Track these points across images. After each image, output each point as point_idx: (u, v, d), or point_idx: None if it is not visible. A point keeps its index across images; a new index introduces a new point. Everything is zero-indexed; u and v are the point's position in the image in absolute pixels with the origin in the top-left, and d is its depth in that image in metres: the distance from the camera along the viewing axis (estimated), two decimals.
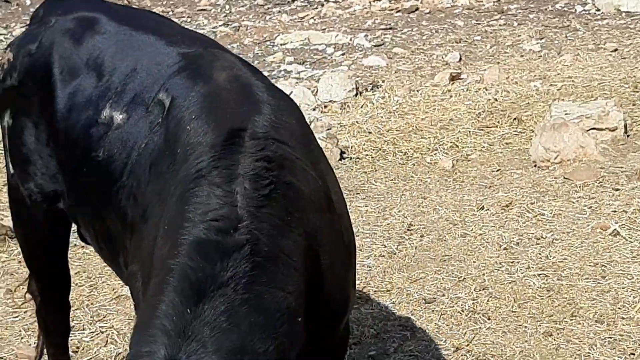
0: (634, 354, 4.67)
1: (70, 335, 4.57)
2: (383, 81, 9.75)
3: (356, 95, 9.40)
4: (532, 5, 12.41)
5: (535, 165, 7.17)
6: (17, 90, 3.84)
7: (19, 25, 12.54)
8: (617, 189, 6.51)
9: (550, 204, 6.40)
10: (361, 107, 8.95)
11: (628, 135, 7.51)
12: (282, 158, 2.82)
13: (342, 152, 7.69)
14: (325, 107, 9.18)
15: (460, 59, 10.32)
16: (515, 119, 8.15)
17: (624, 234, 5.86)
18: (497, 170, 7.19)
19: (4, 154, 4.05)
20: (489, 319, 5.05)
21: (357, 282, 5.45)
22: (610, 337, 4.83)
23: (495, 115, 8.29)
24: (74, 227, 3.96)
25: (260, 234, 2.60)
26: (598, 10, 11.91)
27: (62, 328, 4.33)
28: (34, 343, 4.88)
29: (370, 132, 8.15)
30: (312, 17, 12.92)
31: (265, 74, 11.04)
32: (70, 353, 4.59)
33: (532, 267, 5.55)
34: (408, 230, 6.19)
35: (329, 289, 2.91)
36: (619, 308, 5.09)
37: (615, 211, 6.18)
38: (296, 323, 2.61)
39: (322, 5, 13.50)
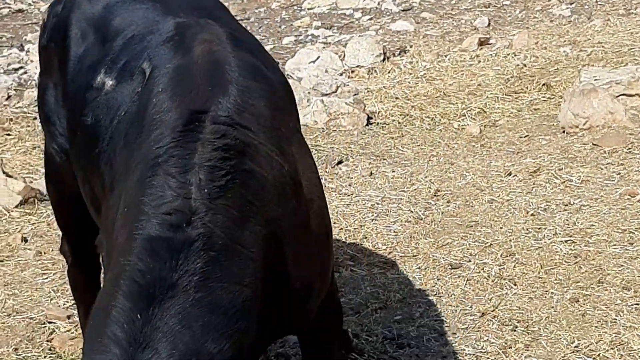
0: None
1: None
2: (411, 46, 9.69)
3: (383, 60, 9.36)
4: None
5: (563, 132, 7.12)
6: (45, 50, 3.95)
7: None
8: None
9: (578, 170, 6.36)
10: (388, 72, 8.90)
11: None
12: (243, 144, 2.72)
13: (369, 118, 7.68)
14: (352, 72, 9.15)
15: (489, 23, 10.23)
16: (544, 84, 8.09)
17: None
18: (525, 136, 7.15)
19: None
20: (515, 284, 5.04)
21: (384, 247, 5.47)
22: (638, 304, 4.81)
23: (524, 81, 8.23)
24: None
25: (214, 227, 2.51)
26: None
27: (93, 287, 4.38)
28: (64, 304, 4.95)
29: (397, 98, 8.12)
30: None
31: (292, 39, 11.07)
32: None
33: (560, 234, 5.54)
34: (435, 195, 6.19)
35: (295, 276, 2.82)
36: None
37: None
38: (254, 315, 2.54)
39: None
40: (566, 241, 5.45)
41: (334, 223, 5.83)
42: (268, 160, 2.79)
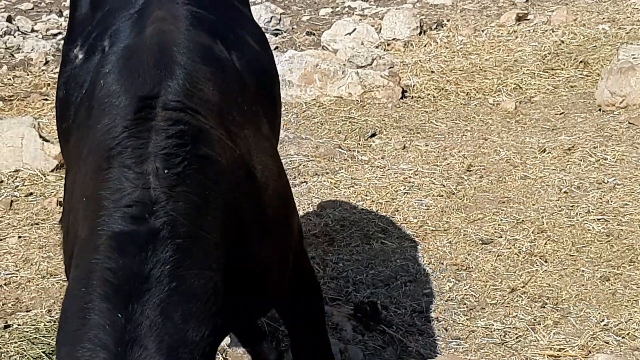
0: None
1: None
2: (448, 20, 9.63)
3: (420, 33, 9.32)
4: None
5: (599, 109, 7.06)
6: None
7: None
8: None
9: (613, 149, 6.31)
10: (425, 46, 8.87)
11: None
12: (196, 130, 2.66)
13: (403, 91, 7.66)
14: (388, 45, 9.13)
15: None
16: (581, 61, 8.02)
17: None
18: (561, 114, 7.10)
19: None
20: (546, 261, 5.04)
21: (415, 220, 5.48)
22: None
23: (561, 58, 8.16)
24: None
25: (177, 215, 2.48)
26: None
27: None
28: None
29: (433, 72, 8.09)
30: None
31: (329, 10, 11.03)
32: None
33: (592, 212, 5.51)
34: (468, 170, 6.17)
35: (256, 258, 2.80)
36: None
37: None
38: (223, 298, 2.53)
39: None
40: (599, 219, 5.42)
41: (366, 195, 5.85)
42: (221, 144, 2.73)
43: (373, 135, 6.84)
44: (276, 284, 3.02)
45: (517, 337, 4.40)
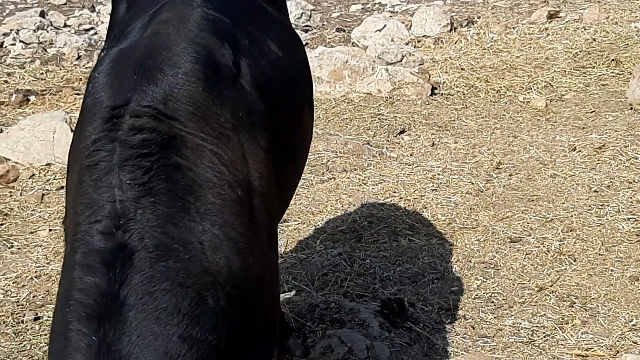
0: None
1: None
2: (479, 17, 9.60)
3: (450, 30, 9.29)
4: None
5: (631, 108, 7.01)
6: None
7: None
8: None
9: None
10: (455, 42, 8.84)
11: None
12: (166, 138, 2.55)
13: (433, 88, 7.64)
14: (418, 41, 9.11)
15: None
16: (613, 60, 7.96)
17: None
18: (592, 112, 7.06)
19: None
20: (574, 260, 5.01)
21: (443, 217, 5.47)
22: None
23: (593, 56, 8.11)
24: None
25: (145, 226, 2.38)
26: None
27: None
28: None
29: (463, 69, 8.07)
30: None
31: (359, 6, 11.03)
32: None
33: (622, 211, 5.47)
34: (497, 168, 6.15)
35: (239, 277, 2.55)
36: None
37: None
38: (204, 318, 2.38)
39: None
40: (629, 219, 5.38)
41: (394, 192, 5.85)
42: (198, 151, 2.60)
43: (402, 132, 6.83)
44: (258, 313, 2.73)
45: (544, 336, 4.38)
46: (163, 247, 2.39)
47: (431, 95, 7.54)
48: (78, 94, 7.79)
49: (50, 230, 5.44)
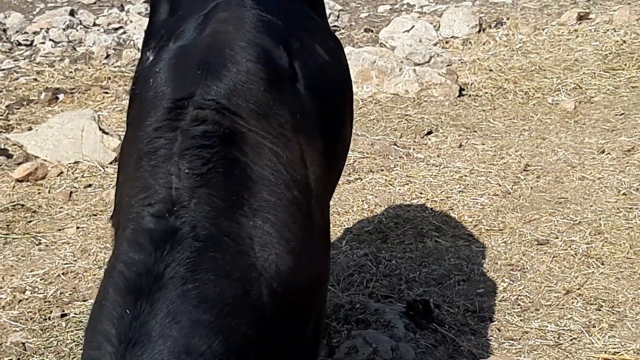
0: None
1: None
2: (508, 18, 9.55)
3: (479, 31, 9.26)
4: None
5: None
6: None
7: None
8: None
9: None
10: (483, 44, 8.80)
11: None
12: (228, 132, 2.61)
13: (461, 89, 7.61)
14: (446, 42, 9.08)
15: None
16: None
17: None
18: (621, 114, 7.00)
19: None
20: (602, 264, 4.97)
21: (470, 219, 5.45)
22: None
23: (623, 58, 8.04)
24: None
25: (198, 216, 2.42)
26: None
27: None
28: None
29: (491, 70, 8.03)
30: None
31: (387, 7, 11.01)
32: None
33: None
34: (524, 170, 6.12)
35: (287, 275, 2.56)
36: None
37: None
38: (245, 313, 2.39)
39: None
40: None
41: (420, 193, 5.83)
42: (258, 148, 2.65)
43: (429, 133, 6.81)
44: (307, 315, 2.74)
45: (571, 340, 4.36)
46: (213, 238, 2.42)
47: (459, 96, 7.51)
48: (107, 93, 7.84)
49: (77, 227, 5.47)
